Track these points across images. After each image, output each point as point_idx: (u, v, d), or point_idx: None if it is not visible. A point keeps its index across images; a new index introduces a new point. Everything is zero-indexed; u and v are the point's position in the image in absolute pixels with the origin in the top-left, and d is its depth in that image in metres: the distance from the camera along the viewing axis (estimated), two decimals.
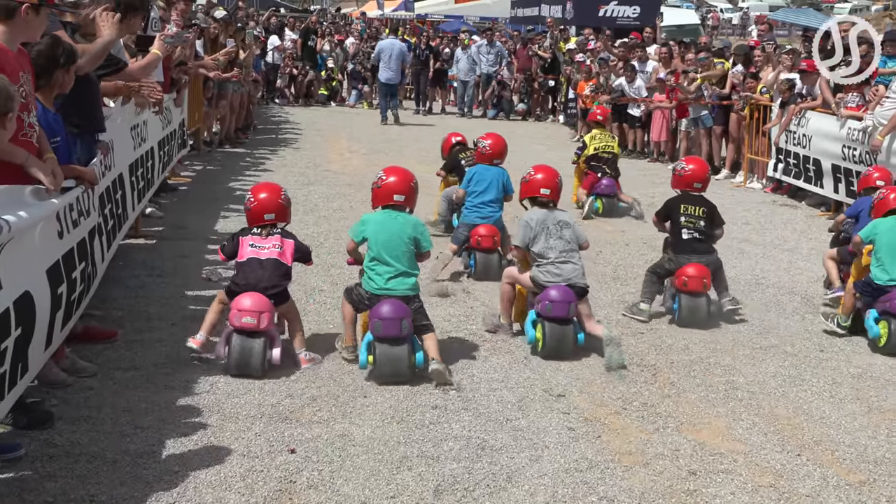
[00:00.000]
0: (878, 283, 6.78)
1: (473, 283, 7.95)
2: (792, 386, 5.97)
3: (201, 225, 9.67)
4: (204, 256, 8.41)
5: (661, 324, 7.10)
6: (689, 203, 7.28)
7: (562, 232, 6.39)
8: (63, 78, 5.25)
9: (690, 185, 7.36)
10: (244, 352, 5.60)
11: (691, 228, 7.22)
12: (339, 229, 9.83)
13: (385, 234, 5.77)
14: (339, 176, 13.30)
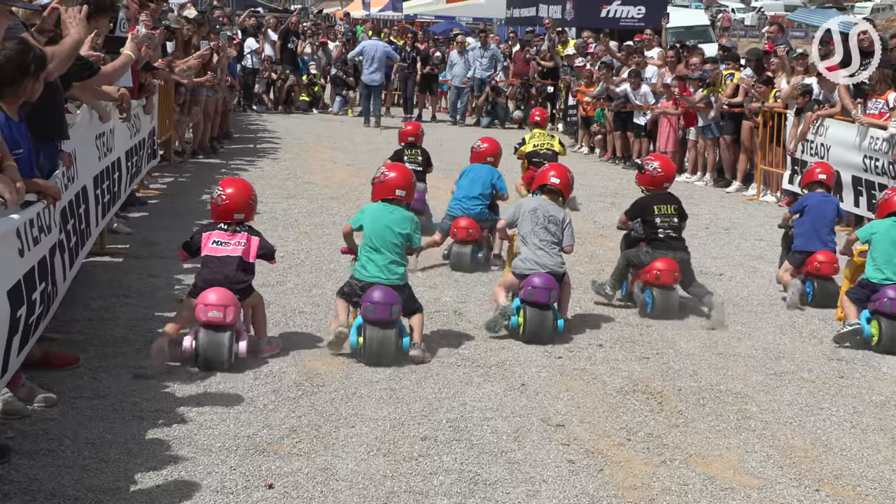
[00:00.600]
0: (873, 281, 7.36)
1: (464, 305, 7.95)
2: (809, 415, 5.98)
3: (172, 241, 9.64)
4: (175, 276, 8.39)
5: (668, 348, 7.11)
6: (662, 202, 8.05)
7: (548, 225, 7.25)
8: (32, 86, 5.15)
9: (661, 185, 8.14)
10: (211, 346, 6.11)
11: (667, 227, 7.99)
12: (320, 246, 9.84)
13: (380, 226, 6.55)
14: (322, 189, 13.31)
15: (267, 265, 7.06)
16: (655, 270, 7.76)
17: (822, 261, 8.45)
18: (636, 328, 7.58)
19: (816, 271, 8.45)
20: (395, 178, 6.69)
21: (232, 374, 6.10)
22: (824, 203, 8.68)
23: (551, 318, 7.05)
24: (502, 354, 6.79)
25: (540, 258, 7.18)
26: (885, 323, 7.20)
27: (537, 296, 7.01)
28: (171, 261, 8.85)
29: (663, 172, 8.16)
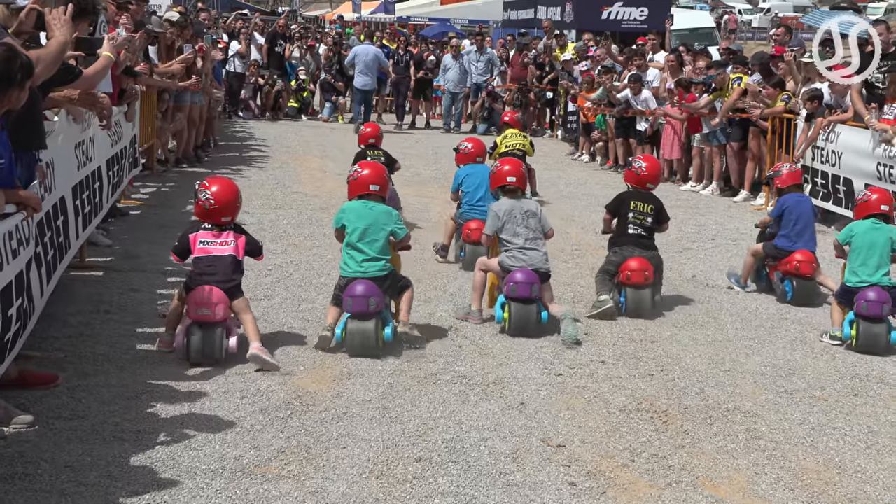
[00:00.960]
0: (849, 285, 7.81)
1: (460, 320, 7.95)
2: (822, 435, 5.97)
3: (155, 254, 9.65)
4: (158, 290, 8.38)
5: (673, 364, 7.11)
6: (640, 200, 8.58)
7: (528, 221, 7.82)
8: (18, 95, 5.05)
9: (644, 184, 8.69)
10: (202, 341, 6.59)
11: (637, 225, 8.52)
12: (310, 259, 9.84)
13: (363, 223, 7.10)
14: (311, 199, 13.31)
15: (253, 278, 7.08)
16: (627, 271, 8.32)
17: (801, 260, 8.91)
18: (640, 344, 7.59)
19: (796, 270, 8.92)
20: (369, 175, 7.29)
21: (218, 393, 6.10)
22: (802, 204, 9.22)
23: (535, 311, 7.63)
24: (500, 371, 6.78)
25: (529, 256, 7.72)
26: (863, 325, 7.61)
27: (520, 291, 7.58)
28: (154, 275, 8.85)
29: (647, 172, 8.70)
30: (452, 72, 23.23)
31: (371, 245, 7.09)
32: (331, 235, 10.58)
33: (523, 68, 23.33)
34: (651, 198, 8.64)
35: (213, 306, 6.60)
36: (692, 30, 31.73)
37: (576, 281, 9.45)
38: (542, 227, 7.89)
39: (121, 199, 11.78)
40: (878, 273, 7.80)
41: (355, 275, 7.04)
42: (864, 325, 7.61)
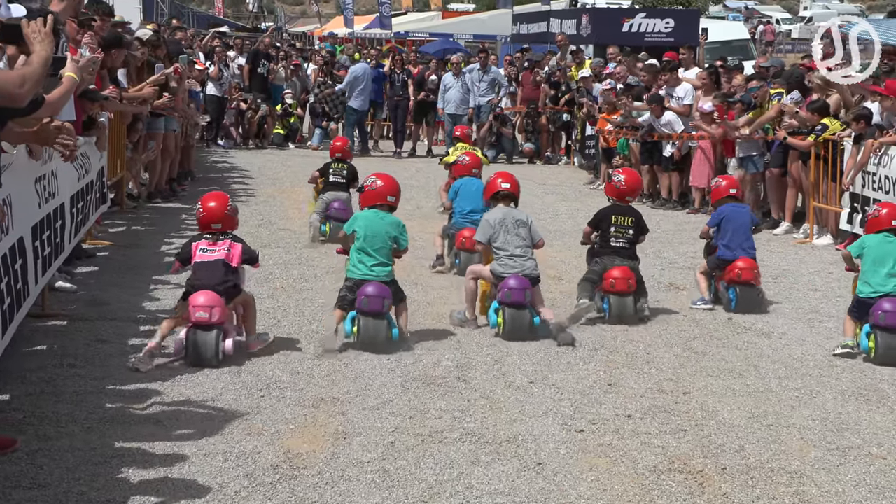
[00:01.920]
0: (861, 296, 8.58)
1: (467, 371, 7.93)
2: (880, 498, 5.93)
3: (126, 301, 9.65)
4: (128, 341, 8.37)
5: (709, 418, 7.08)
6: (620, 214, 9.81)
7: (518, 230, 9.07)
8: None
9: (623, 197, 9.96)
10: (199, 344, 7.70)
11: (620, 237, 9.74)
12: (300, 304, 9.84)
13: (372, 231, 8.44)
14: (300, 236, 13.32)
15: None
16: (611, 279, 9.50)
17: (743, 267, 10.13)
18: (670, 395, 7.56)
19: (738, 277, 10.10)
20: (385, 187, 8.67)
21: (198, 456, 6.06)
22: (738, 212, 10.49)
23: (528, 316, 8.82)
24: (514, 428, 6.76)
25: (518, 263, 8.96)
26: (881, 336, 8.32)
27: (514, 297, 8.77)
28: (124, 323, 8.84)
29: (626, 186, 9.98)
30: (453, 91, 23.22)
31: (380, 252, 8.45)
32: (322, 277, 10.63)
33: (535, 88, 23.38)
34: (631, 210, 9.87)
35: (209, 309, 7.74)
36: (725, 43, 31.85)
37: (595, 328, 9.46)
38: (532, 236, 9.12)
39: (87, 239, 11.80)
40: (891, 283, 8.51)
41: (365, 277, 8.36)
42: (883, 337, 8.30)
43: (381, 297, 8.29)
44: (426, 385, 7.53)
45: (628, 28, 27.00)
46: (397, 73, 24.41)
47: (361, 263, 8.43)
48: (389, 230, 8.52)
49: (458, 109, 23.30)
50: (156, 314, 9.17)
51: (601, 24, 27.18)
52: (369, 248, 8.44)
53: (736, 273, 10.09)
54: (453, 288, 10.43)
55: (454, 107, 23.31)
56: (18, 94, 5.43)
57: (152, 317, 9.07)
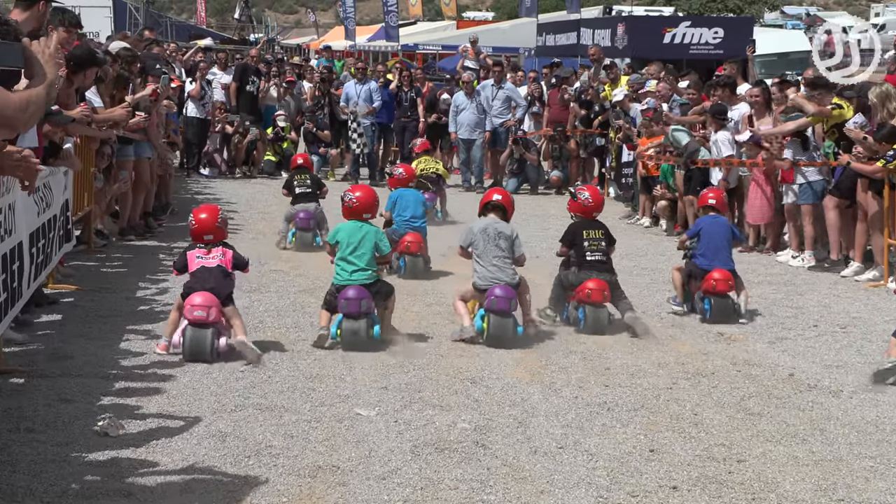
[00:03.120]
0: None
1: (487, 435, 7.89)
2: None
3: (93, 354, 9.63)
4: (97, 401, 8.35)
5: (768, 491, 7.01)
6: (590, 228, 11.48)
7: (498, 241, 10.66)
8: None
9: (590, 213, 11.56)
10: (195, 341, 9.50)
11: (594, 250, 11.33)
12: (294, 356, 9.81)
13: (354, 240, 10.46)
14: (294, 278, 13.32)
15: (222, 382, 7.04)
16: (587, 290, 11.01)
17: (718, 278, 11.66)
18: (722, 464, 7.50)
19: (713, 288, 11.63)
20: (360, 205, 10.70)
21: None
22: (716, 224, 12.12)
23: (512, 324, 10.47)
24: (541, 501, 6.70)
25: (494, 273, 10.58)
26: None
27: (499, 304, 10.41)
28: (91, 380, 8.82)
29: (593, 203, 11.62)
30: (467, 113, 23.29)
31: (361, 258, 10.41)
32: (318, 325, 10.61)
33: (563, 108, 23.37)
34: (598, 223, 11.57)
35: (207, 308, 9.54)
36: (782, 55, 31.86)
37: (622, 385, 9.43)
38: (512, 250, 10.70)
39: (48, 282, 11.80)
40: None
41: (346, 283, 10.32)
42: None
43: (358, 299, 10.16)
44: (439, 451, 7.48)
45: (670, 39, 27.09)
46: (405, 92, 24.51)
47: (343, 270, 10.43)
48: (370, 238, 10.50)
49: (472, 133, 23.36)
50: (129, 370, 9.15)
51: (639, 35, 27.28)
52: (350, 257, 10.43)
53: (711, 284, 11.65)
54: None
55: (468, 131, 23.37)
56: (20, 119, 5.43)
57: (125, 372, 9.06)
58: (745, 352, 10.49)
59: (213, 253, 9.96)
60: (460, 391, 8.96)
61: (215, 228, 10.06)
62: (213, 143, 24.14)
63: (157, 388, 8.68)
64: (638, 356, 10.23)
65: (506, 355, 10.05)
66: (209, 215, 10.13)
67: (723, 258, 11.89)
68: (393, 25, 40.00)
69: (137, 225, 15.95)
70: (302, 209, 15.75)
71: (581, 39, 29.76)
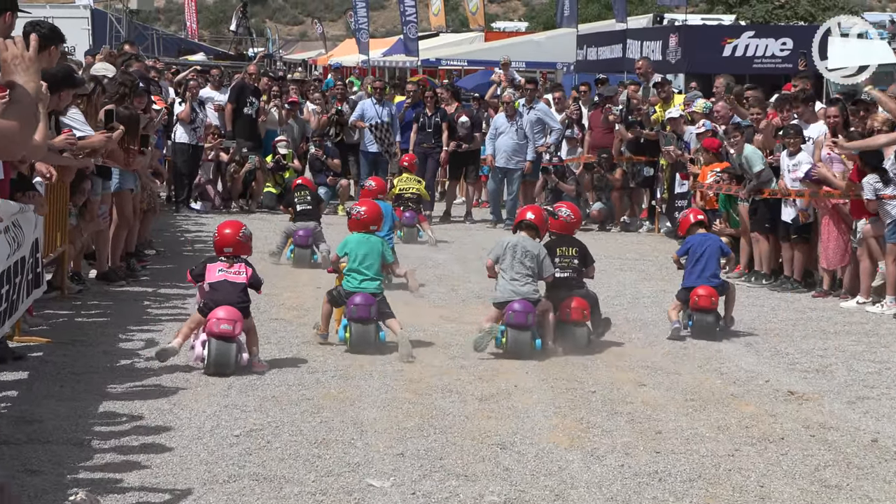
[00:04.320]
0: None
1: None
2: None
3: (66, 417, 9.61)
4: (68, 472, 8.31)
5: None
6: (565, 245, 12.95)
7: (525, 259, 12.29)
8: None
9: (572, 231, 13.24)
10: (221, 355, 10.98)
11: (566, 268, 12.81)
12: (296, 419, 9.76)
13: (362, 252, 12.48)
14: (297, 328, 13.31)
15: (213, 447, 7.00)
16: (567, 309, 12.51)
17: (702, 294, 13.38)
18: None
19: (695, 305, 13.40)
20: (368, 218, 12.77)
21: None
22: (704, 241, 13.79)
23: (530, 338, 12.17)
24: None
25: (515, 287, 12.22)
26: None
27: (517, 318, 12.06)
28: (64, 447, 8.79)
29: (575, 219, 13.39)
30: (506, 138, 23.32)
31: (370, 268, 12.43)
32: (326, 383, 10.59)
33: (607, 131, 23.32)
34: (574, 241, 13.09)
35: (233, 323, 11.02)
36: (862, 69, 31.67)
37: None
38: (538, 268, 12.34)
39: (14, 334, 11.80)
40: None
41: (355, 290, 12.29)
42: None
43: (367, 305, 12.15)
44: None
45: (731, 51, 27.09)
46: (427, 116, 24.35)
47: (353, 279, 12.39)
48: (377, 249, 12.55)
49: (509, 162, 23.35)
50: (107, 436, 9.12)
51: (695, 47, 27.33)
52: (360, 267, 12.41)
53: (694, 300, 13.41)
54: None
55: (505, 158, 23.36)
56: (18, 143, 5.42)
57: (102, 439, 9.02)
58: (819, 413, 10.42)
59: (235, 268, 11.47)
60: (488, 458, 8.92)
61: (236, 242, 11.58)
62: (206, 173, 24.20)
63: (140, 457, 8.63)
64: (694, 418, 10.18)
65: (540, 416, 10.01)
66: (232, 230, 11.68)
67: (708, 275, 13.57)
68: (412, 38, 40.02)
69: (118, 269, 15.94)
70: (302, 227, 18.08)
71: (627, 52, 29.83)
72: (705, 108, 20.17)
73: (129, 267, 16.28)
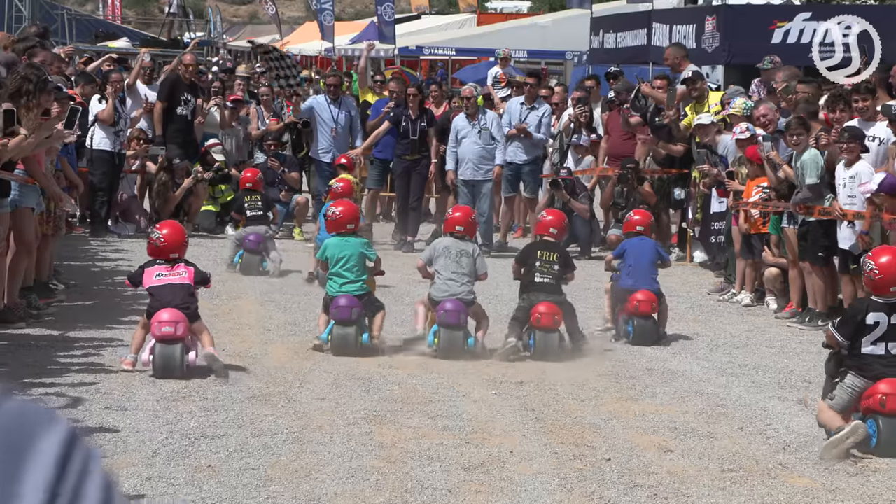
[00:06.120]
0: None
1: None
2: None
3: None
4: None
5: None
6: (545, 249, 15.34)
7: (460, 259, 14.90)
8: None
9: (547, 230, 15.77)
10: (165, 358, 12.86)
11: (545, 273, 15.10)
12: (242, 501, 9.70)
13: (343, 254, 14.80)
14: (242, 379, 13.24)
15: None
16: (537, 314, 14.71)
17: (641, 299, 15.61)
18: None
19: (635, 310, 15.61)
20: (344, 217, 15.22)
21: None
22: (642, 245, 16.21)
23: (462, 337, 14.69)
24: None
25: (450, 287, 14.81)
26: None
27: (448, 318, 14.60)
28: None
29: (550, 219, 16.03)
30: (469, 143, 23.26)
31: (350, 271, 14.80)
32: (282, 451, 10.56)
33: (627, 136, 23.32)
34: (556, 246, 15.70)
35: (174, 325, 12.85)
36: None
37: None
38: (474, 267, 15.01)
39: None
40: None
41: (339, 293, 14.66)
42: None
43: (349, 307, 14.52)
44: None
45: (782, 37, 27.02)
46: (410, 119, 24.07)
47: (335, 282, 14.88)
48: (358, 250, 14.99)
49: (476, 172, 23.29)
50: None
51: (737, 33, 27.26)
52: (340, 270, 14.83)
53: (634, 305, 15.63)
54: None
55: (472, 168, 23.30)
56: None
57: None
58: (891, 489, 10.42)
59: (175, 269, 13.45)
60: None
61: (182, 245, 13.73)
62: (129, 188, 24.11)
63: None
64: (733, 493, 10.18)
65: (541, 491, 9.98)
66: (177, 234, 13.78)
67: (646, 278, 15.87)
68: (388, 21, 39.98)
69: (17, 307, 15.85)
70: (252, 231, 20.54)
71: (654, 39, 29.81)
72: (745, 110, 19.83)
73: (29, 305, 16.18)
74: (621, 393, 13.00)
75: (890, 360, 11.39)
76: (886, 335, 11.41)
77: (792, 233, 17.55)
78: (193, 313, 13.32)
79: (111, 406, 11.49)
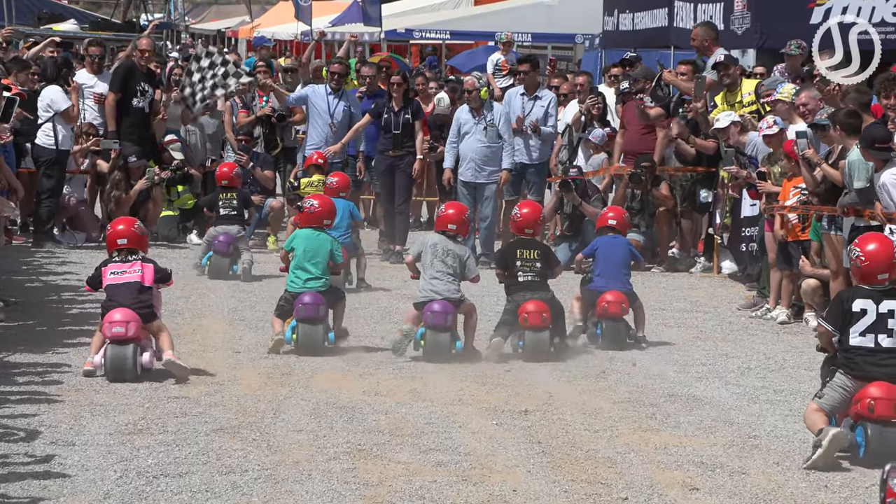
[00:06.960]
0: None
1: None
2: None
3: None
4: None
5: None
6: (524, 248, 16.51)
7: (446, 258, 16.06)
8: None
9: (522, 230, 16.77)
10: (116, 359, 14.01)
11: (528, 271, 16.37)
12: None
13: (310, 248, 16.47)
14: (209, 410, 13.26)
15: None
16: (524, 314, 15.96)
17: (611, 300, 16.81)
18: None
19: (604, 311, 16.81)
20: (321, 211, 16.67)
21: None
22: (613, 244, 17.43)
23: (449, 339, 15.90)
24: None
25: (434, 286, 15.97)
26: None
27: (436, 320, 15.75)
28: None
29: (522, 217, 16.90)
30: (473, 141, 23.39)
31: (316, 266, 16.30)
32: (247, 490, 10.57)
33: (645, 130, 23.30)
34: (535, 243, 16.84)
35: (125, 324, 13.91)
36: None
37: None
38: (461, 268, 16.16)
39: None
40: None
41: (301, 290, 16.11)
42: None
43: (315, 305, 15.94)
44: None
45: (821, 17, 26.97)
46: (393, 111, 24.00)
47: (297, 278, 16.31)
48: (326, 247, 16.41)
49: (479, 174, 23.41)
50: None
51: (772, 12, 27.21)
52: (306, 264, 16.31)
53: (602, 307, 16.85)
54: None
55: (473, 169, 23.42)
56: None
57: None
58: None
59: (130, 266, 14.50)
60: None
61: (131, 233, 14.62)
62: (77, 190, 24.05)
63: None
64: None
65: None
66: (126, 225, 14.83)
67: (619, 280, 17.14)
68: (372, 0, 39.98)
69: None
70: (223, 231, 21.70)
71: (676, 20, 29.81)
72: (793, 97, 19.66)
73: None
74: (640, 423, 12.97)
75: (879, 355, 12.15)
76: (875, 325, 12.21)
77: (835, 240, 17.50)
78: (149, 313, 14.31)
79: (57, 441, 11.47)
